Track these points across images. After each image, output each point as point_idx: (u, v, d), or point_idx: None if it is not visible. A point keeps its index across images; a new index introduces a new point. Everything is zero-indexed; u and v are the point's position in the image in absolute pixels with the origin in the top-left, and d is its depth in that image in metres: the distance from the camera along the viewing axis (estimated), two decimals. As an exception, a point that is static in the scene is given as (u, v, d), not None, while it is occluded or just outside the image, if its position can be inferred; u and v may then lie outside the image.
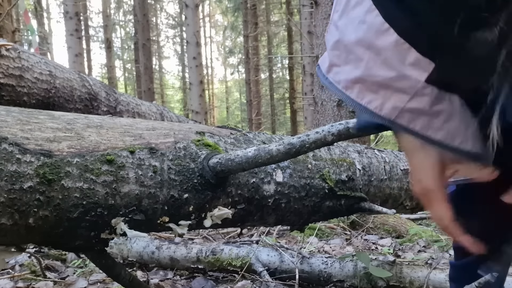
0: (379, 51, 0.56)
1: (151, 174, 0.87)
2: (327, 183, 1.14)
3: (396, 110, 0.57)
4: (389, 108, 0.58)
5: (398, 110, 0.57)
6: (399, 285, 1.42)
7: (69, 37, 8.53)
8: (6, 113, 0.79)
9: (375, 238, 2.43)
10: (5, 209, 0.70)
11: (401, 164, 1.44)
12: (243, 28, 14.68)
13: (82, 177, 0.78)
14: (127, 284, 0.99)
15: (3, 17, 3.09)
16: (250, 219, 1.05)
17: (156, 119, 2.06)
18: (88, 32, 15.47)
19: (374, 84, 0.58)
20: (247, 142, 1.10)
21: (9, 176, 0.70)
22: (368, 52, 0.57)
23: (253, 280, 1.54)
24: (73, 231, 0.80)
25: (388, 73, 0.56)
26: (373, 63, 0.57)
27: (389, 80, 0.56)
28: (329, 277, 1.50)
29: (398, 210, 1.52)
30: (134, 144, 0.88)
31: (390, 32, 0.54)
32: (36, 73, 1.53)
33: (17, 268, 1.70)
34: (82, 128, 0.85)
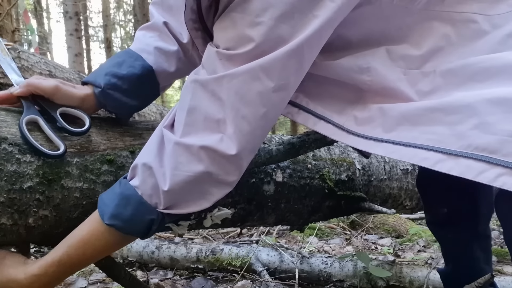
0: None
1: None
2: (327, 183, 1.14)
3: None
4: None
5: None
6: (399, 285, 1.42)
7: (69, 37, 8.53)
8: (6, 113, 0.79)
9: (375, 238, 2.44)
10: (5, 209, 0.70)
11: (401, 164, 1.44)
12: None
13: (82, 177, 0.78)
14: (127, 283, 0.99)
15: (3, 17, 3.09)
16: (250, 219, 1.05)
17: (156, 119, 2.06)
18: (88, 32, 15.46)
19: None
20: (247, 142, 1.10)
21: (9, 176, 0.70)
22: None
23: (253, 280, 1.54)
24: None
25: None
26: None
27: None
28: (329, 277, 1.50)
29: (397, 210, 1.52)
30: (134, 144, 0.88)
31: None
32: (36, 73, 1.53)
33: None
34: (82, 128, 0.84)
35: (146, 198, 0.68)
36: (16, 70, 0.88)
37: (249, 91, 0.65)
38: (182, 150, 0.66)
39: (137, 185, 0.69)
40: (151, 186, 0.68)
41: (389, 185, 1.37)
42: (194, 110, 0.67)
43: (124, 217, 0.69)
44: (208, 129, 0.66)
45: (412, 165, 1.49)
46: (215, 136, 0.66)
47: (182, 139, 0.67)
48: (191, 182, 0.67)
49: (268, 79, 0.65)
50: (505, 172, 0.55)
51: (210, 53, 0.68)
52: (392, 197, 1.40)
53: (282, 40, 0.64)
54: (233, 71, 0.65)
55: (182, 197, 0.69)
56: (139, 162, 0.70)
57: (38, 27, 12.49)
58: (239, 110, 0.66)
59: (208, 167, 0.66)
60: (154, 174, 0.67)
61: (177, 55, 0.93)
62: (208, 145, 0.65)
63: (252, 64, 0.64)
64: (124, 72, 0.86)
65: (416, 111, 0.66)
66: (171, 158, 0.67)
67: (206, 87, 0.66)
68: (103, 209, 0.70)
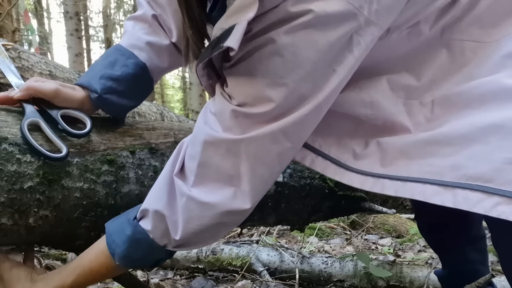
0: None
1: (151, 174, 0.87)
2: (327, 183, 1.14)
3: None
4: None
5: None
6: (399, 285, 1.42)
7: (69, 37, 8.53)
8: (6, 113, 0.79)
9: (375, 237, 2.43)
10: (5, 209, 0.70)
11: (401, 164, 1.44)
12: (243, 28, 14.63)
13: (82, 177, 0.78)
14: (127, 283, 0.99)
15: (3, 17, 3.09)
16: (250, 219, 1.04)
17: (156, 119, 2.06)
18: (88, 32, 15.45)
19: None
20: (247, 142, 1.10)
21: (9, 176, 0.70)
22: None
23: (253, 279, 1.54)
24: (73, 231, 0.80)
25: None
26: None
27: None
28: (329, 277, 1.50)
29: (398, 210, 1.52)
30: (134, 144, 0.88)
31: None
32: (36, 73, 1.53)
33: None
34: (82, 128, 0.84)
35: (157, 240, 0.70)
36: (15, 73, 0.88)
37: (267, 154, 0.65)
38: (195, 205, 0.67)
39: (148, 230, 0.70)
40: (162, 231, 0.70)
41: (390, 185, 1.37)
42: (206, 164, 0.66)
43: (134, 259, 0.72)
44: (220, 182, 0.66)
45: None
46: (228, 191, 0.66)
47: (195, 193, 0.67)
48: (203, 231, 0.69)
49: (287, 140, 0.65)
50: (502, 201, 0.54)
51: (225, 109, 0.64)
52: (392, 197, 1.40)
53: (303, 99, 0.62)
54: (252, 135, 0.63)
55: (192, 241, 0.71)
56: (150, 208, 0.70)
57: (39, 27, 12.49)
58: (256, 171, 0.65)
59: (221, 220, 0.68)
60: (166, 222, 0.69)
61: (169, 50, 0.92)
62: (222, 202, 0.66)
63: (271, 127, 0.62)
64: (118, 73, 0.85)
65: (412, 144, 0.66)
66: (184, 211, 0.68)
67: (220, 146, 0.65)
68: (114, 248, 0.72)
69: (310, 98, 0.62)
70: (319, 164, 0.75)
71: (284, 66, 0.60)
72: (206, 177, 0.67)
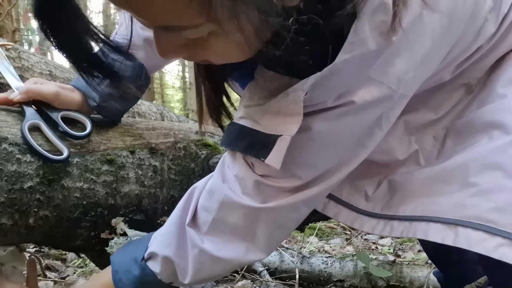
0: None
1: (151, 174, 0.87)
2: (327, 183, 1.14)
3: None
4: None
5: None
6: (399, 285, 1.42)
7: (69, 37, 8.52)
8: (6, 113, 0.79)
9: (375, 237, 2.43)
10: (5, 209, 0.70)
11: (401, 164, 1.44)
12: (243, 28, 14.64)
13: (82, 177, 0.78)
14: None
15: (3, 17, 3.09)
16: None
17: (156, 119, 2.06)
18: (88, 32, 15.39)
19: None
20: (247, 142, 1.09)
21: (9, 176, 0.70)
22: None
23: (253, 279, 1.54)
24: (73, 231, 0.80)
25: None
26: None
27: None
28: (329, 277, 1.50)
29: (398, 210, 1.52)
30: (134, 144, 0.88)
31: None
32: (36, 73, 1.53)
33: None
34: (82, 128, 0.85)
35: (164, 280, 0.71)
36: (14, 74, 0.87)
37: (286, 220, 0.65)
38: (208, 258, 0.67)
39: (157, 272, 0.70)
40: (170, 273, 0.70)
41: (390, 185, 1.37)
42: (221, 221, 0.66)
43: None
44: (235, 236, 0.66)
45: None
46: (243, 245, 0.66)
47: (207, 247, 0.66)
48: (212, 277, 0.71)
49: (307, 207, 0.65)
50: (505, 243, 0.53)
51: (247, 176, 0.62)
52: (392, 197, 1.40)
53: (330, 174, 0.61)
54: (274, 205, 0.62)
55: (199, 282, 0.72)
56: (159, 253, 0.69)
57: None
58: (273, 234, 0.66)
59: (230, 269, 0.70)
60: (175, 267, 0.69)
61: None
62: (236, 257, 0.66)
63: (294, 198, 0.62)
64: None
65: (420, 182, 0.66)
66: (195, 262, 0.67)
67: (238, 209, 0.64)
68: (121, 287, 0.71)
69: (337, 172, 0.62)
70: (331, 209, 0.75)
71: (316, 149, 0.59)
72: (220, 230, 0.66)
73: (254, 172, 0.62)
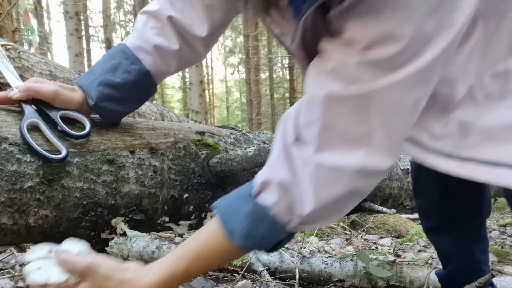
0: None
1: (151, 174, 0.87)
2: (327, 183, 1.14)
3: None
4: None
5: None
6: (399, 285, 1.42)
7: (69, 37, 8.53)
8: (6, 113, 0.79)
9: (375, 237, 2.44)
10: (5, 209, 0.70)
11: (401, 164, 1.44)
12: (244, 28, 14.68)
13: (82, 177, 0.78)
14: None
15: (3, 16, 3.09)
16: (250, 219, 1.05)
17: (156, 119, 2.06)
18: (88, 32, 15.46)
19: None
20: (247, 142, 1.10)
21: (9, 176, 0.70)
22: None
23: (253, 279, 1.54)
24: (73, 231, 0.80)
25: None
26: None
27: None
28: (329, 277, 1.50)
29: (398, 210, 1.52)
30: (134, 144, 0.88)
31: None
32: (36, 73, 1.53)
33: (17, 267, 1.70)
34: (82, 128, 0.85)
35: (279, 219, 0.64)
36: (14, 73, 0.88)
37: (402, 102, 0.59)
38: (325, 171, 0.61)
39: (270, 205, 0.64)
40: (286, 207, 0.64)
41: (390, 185, 1.37)
42: (330, 127, 0.60)
43: (254, 239, 0.65)
44: (349, 144, 0.60)
45: (413, 165, 1.49)
46: (358, 150, 0.60)
47: (322, 159, 0.61)
48: (333, 202, 0.63)
49: (419, 87, 0.59)
50: None
51: (346, 59, 0.58)
52: (392, 197, 1.40)
53: (428, 39, 0.56)
54: (384, 84, 0.57)
55: (318, 216, 0.65)
56: (273, 179, 0.64)
57: (39, 27, 12.49)
58: (391, 124, 0.60)
59: (354, 186, 0.62)
60: (291, 195, 0.63)
61: (178, 55, 0.90)
62: (356, 163, 0.60)
63: (404, 72, 0.56)
64: (118, 80, 0.84)
65: (497, 126, 0.62)
66: (312, 180, 0.61)
67: (346, 103, 0.59)
68: (232, 227, 0.65)
69: (436, 38, 0.56)
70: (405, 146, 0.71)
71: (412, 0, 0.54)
72: (331, 141, 0.60)
73: (354, 49, 0.57)
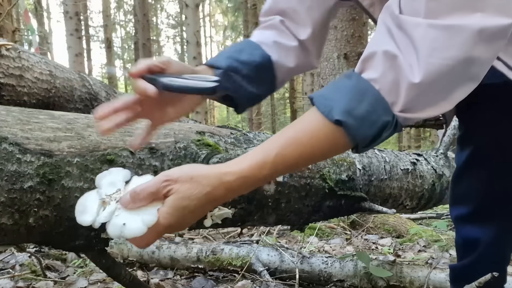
0: None
1: (151, 174, 0.87)
2: (327, 183, 1.14)
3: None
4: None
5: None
6: (399, 285, 1.42)
7: (69, 37, 8.53)
8: (6, 113, 0.79)
9: (375, 237, 2.43)
10: (5, 209, 0.70)
11: (401, 164, 1.44)
12: (243, 28, 14.68)
13: (83, 177, 0.78)
14: (127, 283, 0.99)
15: (3, 17, 3.09)
16: (250, 218, 1.05)
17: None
18: (88, 32, 15.46)
19: None
20: (247, 142, 1.10)
21: (9, 176, 0.70)
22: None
23: (253, 279, 1.54)
24: (73, 231, 0.80)
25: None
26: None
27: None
28: (329, 277, 1.50)
29: (398, 210, 1.52)
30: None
31: None
32: (37, 73, 1.53)
33: (17, 267, 1.70)
34: (83, 127, 0.85)
35: (384, 94, 0.58)
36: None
37: None
38: (438, 31, 0.55)
39: (375, 78, 0.58)
40: (391, 80, 0.58)
41: (390, 185, 1.37)
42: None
43: (357, 114, 0.58)
44: (461, 11, 0.55)
45: (413, 165, 1.49)
46: (475, 16, 0.54)
47: (435, 20, 0.55)
48: (445, 73, 0.56)
49: None
50: None
51: None
52: (392, 197, 1.40)
53: None
54: None
55: (426, 96, 0.58)
56: (378, 50, 0.58)
57: (39, 27, 12.50)
58: None
59: (470, 53, 0.55)
60: (398, 66, 0.57)
61: (296, 52, 0.92)
62: (472, 23, 0.54)
63: None
64: (244, 58, 0.85)
65: None
66: (423, 44, 0.55)
67: None
68: (330, 104, 0.59)
69: None
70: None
71: None
72: (440, 9, 0.55)
73: None
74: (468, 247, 1.08)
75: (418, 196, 1.49)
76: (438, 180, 1.57)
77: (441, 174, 1.59)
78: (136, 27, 12.33)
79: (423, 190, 1.50)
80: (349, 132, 0.59)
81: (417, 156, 1.58)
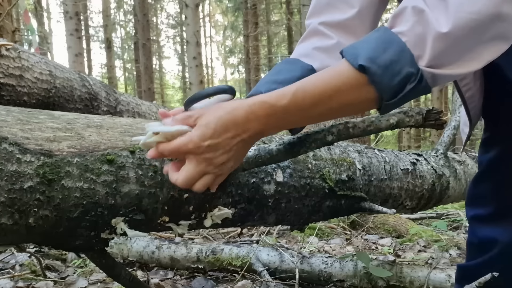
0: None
1: (151, 174, 0.87)
2: (327, 183, 1.14)
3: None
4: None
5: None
6: (399, 285, 1.42)
7: (69, 37, 8.53)
8: (6, 113, 0.79)
9: (375, 237, 2.43)
10: (5, 209, 0.70)
11: (401, 164, 1.44)
12: (243, 28, 14.68)
13: (82, 177, 0.78)
14: (127, 283, 0.99)
15: (3, 17, 3.09)
16: (250, 219, 1.05)
17: (156, 119, 2.06)
18: (88, 32, 15.46)
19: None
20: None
21: (9, 176, 0.70)
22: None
23: (253, 280, 1.54)
24: (73, 231, 0.80)
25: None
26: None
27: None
28: (329, 277, 1.50)
29: (398, 210, 1.52)
30: (134, 144, 0.88)
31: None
32: (36, 73, 1.53)
33: (17, 267, 1.70)
34: (82, 128, 0.85)
35: (410, 46, 0.58)
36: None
37: None
38: None
39: (402, 31, 0.59)
40: (418, 33, 0.58)
41: (390, 185, 1.37)
42: None
43: (381, 62, 0.59)
44: None
45: (413, 165, 1.49)
46: None
47: None
48: (473, 28, 0.56)
49: None
50: None
51: None
52: (392, 197, 1.40)
53: None
54: None
55: (453, 50, 0.58)
56: (408, 5, 0.59)
57: (39, 27, 12.50)
58: None
59: (499, 8, 0.55)
60: (426, 20, 0.57)
61: (338, 47, 0.89)
62: None
63: None
64: (282, 77, 0.84)
65: None
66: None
67: None
68: (356, 52, 0.61)
69: None
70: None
71: None
72: None
73: None
74: (483, 247, 1.08)
75: (418, 196, 1.49)
76: (438, 180, 1.57)
77: (441, 174, 1.59)
78: (136, 27, 12.34)
79: (423, 190, 1.50)
80: (371, 79, 0.59)
81: (417, 156, 1.58)
